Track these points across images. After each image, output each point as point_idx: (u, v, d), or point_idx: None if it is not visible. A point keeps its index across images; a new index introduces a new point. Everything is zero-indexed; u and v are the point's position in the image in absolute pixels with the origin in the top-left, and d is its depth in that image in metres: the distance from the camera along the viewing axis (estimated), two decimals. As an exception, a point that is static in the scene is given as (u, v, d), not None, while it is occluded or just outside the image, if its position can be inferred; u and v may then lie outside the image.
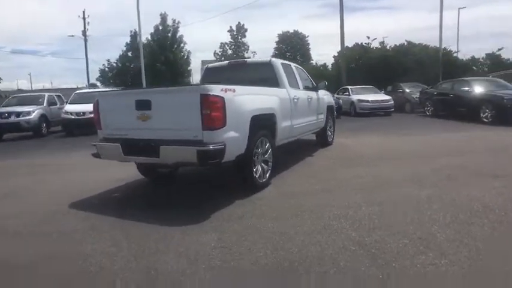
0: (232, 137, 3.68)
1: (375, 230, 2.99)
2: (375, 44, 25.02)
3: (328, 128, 7.62)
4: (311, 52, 50.11)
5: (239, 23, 42.56)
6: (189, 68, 35.29)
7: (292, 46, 50.02)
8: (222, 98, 3.54)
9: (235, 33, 42.26)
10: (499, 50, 25.73)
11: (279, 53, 49.72)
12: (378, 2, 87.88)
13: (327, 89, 8.30)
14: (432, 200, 3.66)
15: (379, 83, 19.30)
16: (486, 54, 25.96)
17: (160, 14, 32.57)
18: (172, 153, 3.61)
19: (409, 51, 22.31)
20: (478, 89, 11.34)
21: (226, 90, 3.64)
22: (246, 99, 4.00)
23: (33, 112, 12.94)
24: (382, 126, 11.74)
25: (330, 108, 7.71)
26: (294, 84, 5.78)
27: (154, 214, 3.64)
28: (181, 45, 33.51)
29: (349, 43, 23.24)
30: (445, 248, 2.58)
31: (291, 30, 49.03)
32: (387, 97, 16.04)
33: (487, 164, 5.36)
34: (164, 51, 31.08)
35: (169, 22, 32.45)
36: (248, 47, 42.03)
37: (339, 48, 20.30)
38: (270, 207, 3.71)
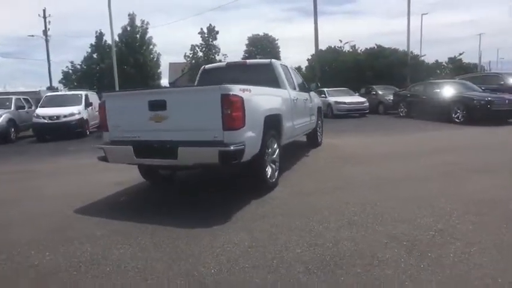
0: (250, 137, 3.69)
1: (398, 223, 3.12)
2: (347, 48, 26.03)
3: (318, 128, 7.81)
4: (281, 55, 50.77)
5: (210, 25, 42.02)
6: (158, 71, 34.66)
7: (263, 49, 50.35)
8: (242, 98, 3.55)
9: (206, 35, 41.79)
10: (460, 54, 27.59)
11: (249, 55, 49.91)
12: (342, 7, 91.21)
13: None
14: (439, 195, 3.87)
15: (352, 86, 19.99)
16: (448, 58, 27.64)
17: (129, 15, 31.74)
18: (191, 155, 3.56)
19: (379, 55, 23.36)
20: (449, 90, 12.10)
21: (244, 90, 3.65)
22: (261, 100, 4.03)
23: (1, 117, 12.09)
24: (361, 127, 12.19)
25: (319, 109, 7.92)
26: (292, 85, 5.88)
27: (174, 216, 3.57)
28: (151, 47, 32.84)
29: (322, 46, 23.88)
30: (470, 238, 2.76)
31: (261, 33, 49.37)
32: (362, 99, 16.66)
33: (476, 160, 5.76)
34: (133, 53, 30.29)
35: (138, 23, 31.72)
36: (219, 49, 41.70)
37: (310, 51, 20.82)
38: (288, 206, 3.76)
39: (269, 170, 4.33)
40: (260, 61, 6.04)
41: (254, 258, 2.59)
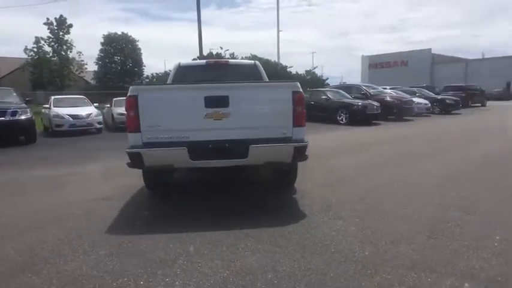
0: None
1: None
2: (227, 55, 27.12)
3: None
4: (143, 58, 48.02)
5: (61, 16, 35.88)
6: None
7: (121, 49, 46.54)
8: (304, 96, 3.65)
9: (55, 27, 35.41)
10: (314, 68, 32.79)
11: (105, 55, 45.40)
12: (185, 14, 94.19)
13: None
14: (417, 176, 4.97)
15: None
16: (306, 70, 32.31)
17: None
18: (264, 153, 3.42)
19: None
20: (333, 97, 14.58)
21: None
22: None
23: None
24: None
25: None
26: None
27: (235, 220, 3.37)
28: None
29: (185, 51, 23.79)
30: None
31: (119, 32, 45.42)
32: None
33: (407, 149, 7.38)
34: None
35: None
36: (72, 45, 35.85)
37: (175, 56, 20.36)
38: (336, 195, 4.11)
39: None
40: (244, 62, 6.00)
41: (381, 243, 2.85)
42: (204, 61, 5.61)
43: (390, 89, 18.22)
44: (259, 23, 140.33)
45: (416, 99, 16.72)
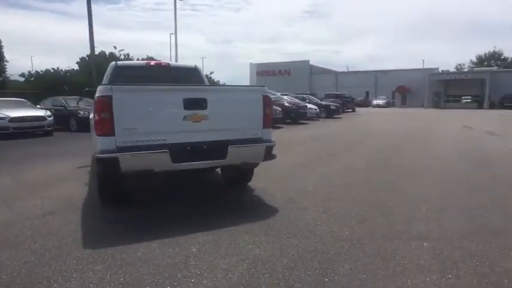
0: None
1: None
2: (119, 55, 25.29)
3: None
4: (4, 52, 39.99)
5: None
6: None
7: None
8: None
9: None
10: (211, 73, 33.27)
11: None
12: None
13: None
14: (347, 169, 5.88)
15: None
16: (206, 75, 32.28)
17: None
18: (241, 153, 3.59)
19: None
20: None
21: None
22: None
23: None
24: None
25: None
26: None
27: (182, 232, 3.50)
28: None
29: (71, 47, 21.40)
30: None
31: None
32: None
33: (323, 147, 8.36)
34: None
35: None
36: None
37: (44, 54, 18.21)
38: (289, 189, 4.53)
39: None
40: (185, 64, 5.87)
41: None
42: (143, 62, 5.36)
43: (283, 95, 20.06)
44: (144, 23, 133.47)
45: (308, 105, 18.87)
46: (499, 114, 24.59)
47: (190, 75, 5.61)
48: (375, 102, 42.90)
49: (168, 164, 3.28)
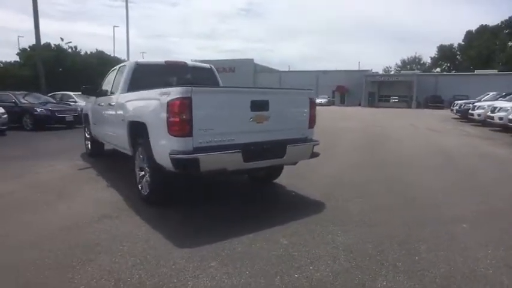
0: None
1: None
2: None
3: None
4: None
5: None
6: None
7: None
8: (312, 101, 4.28)
9: None
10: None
11: None
12: None
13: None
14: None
15: (78, 90, 18.41)
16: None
17: None
18: (296, 152, 3.86)
19: (107, 62, 22.48)
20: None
21: None
22: None
23: None
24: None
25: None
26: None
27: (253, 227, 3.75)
28: None
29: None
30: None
31: None
32: None
33: None
34: None
35: None
36: None
37: None
38: (316, 183, 4.91)
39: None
40: (201, 65, 5.82)
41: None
42: (162, 61, 5.25)
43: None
44: (68, 13, 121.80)
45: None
46: (430, 113, 27.84)
47: (207, 76, 5.65)
48: (317, 100, 45.36)
49: (239, 164, 3.44)
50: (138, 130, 4.02)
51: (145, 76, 5.04)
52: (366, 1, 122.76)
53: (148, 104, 3.68)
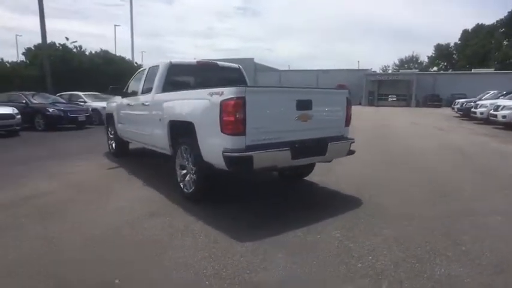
0: None
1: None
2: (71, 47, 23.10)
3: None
4: None
5: None
6: None
7: None
8: (347, 100, 4.44)
9: None
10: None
11: None
12: None
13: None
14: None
15: (84, 90, 18.46)
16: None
17: None
18: (336, 149, 4.03)
19: (112, 61, 22.48)
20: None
21: None
22: None
23: None
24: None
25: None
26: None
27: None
28: None
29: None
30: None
31: None
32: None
33: None
34: None
35: None
36: None
37: None
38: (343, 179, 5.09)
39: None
40: (230, 65, 5.96)
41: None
42: (194, 61, 5.39)
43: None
44: (60, 10, 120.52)
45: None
46: (430, 112, 28.16)
47: (236, 76, 5.80)
48: (317, 100, 45.60)
49: (288, 161, 3.60)
50: (180, 129, 4.15)
51: (179, 76, 5.18)
52: (365, 0, 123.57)
53: (196, 103, 3.80)
